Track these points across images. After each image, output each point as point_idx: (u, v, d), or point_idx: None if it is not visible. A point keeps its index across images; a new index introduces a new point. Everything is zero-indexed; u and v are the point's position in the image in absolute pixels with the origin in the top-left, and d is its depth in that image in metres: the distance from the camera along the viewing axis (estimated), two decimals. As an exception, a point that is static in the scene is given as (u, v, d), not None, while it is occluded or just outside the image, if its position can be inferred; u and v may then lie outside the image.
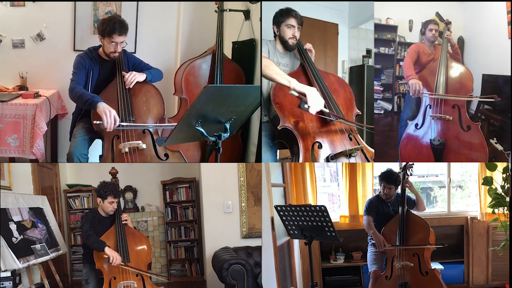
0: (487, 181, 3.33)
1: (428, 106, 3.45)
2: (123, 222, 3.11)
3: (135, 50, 4.01)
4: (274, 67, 2.67)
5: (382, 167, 4.07)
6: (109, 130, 2.99)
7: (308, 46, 3.11)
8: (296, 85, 2.55)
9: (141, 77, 3.33)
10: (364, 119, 4.54)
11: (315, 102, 2.50)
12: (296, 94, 2.54)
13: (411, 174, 3.42)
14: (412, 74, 3.54)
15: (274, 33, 3.05)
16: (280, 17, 2.98)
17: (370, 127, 3.26)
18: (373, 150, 2.87)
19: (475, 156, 3.33)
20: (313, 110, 2.50)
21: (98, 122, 2.98)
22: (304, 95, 2.51)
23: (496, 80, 3.82)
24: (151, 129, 3.27)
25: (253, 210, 4.07)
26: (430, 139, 3.42)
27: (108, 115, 2.95)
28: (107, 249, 2.90)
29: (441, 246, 3.19)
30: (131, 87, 3.27)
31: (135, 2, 4.06)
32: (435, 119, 3.41)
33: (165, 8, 4.13)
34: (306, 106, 2.51)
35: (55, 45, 4.02)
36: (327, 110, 2.63)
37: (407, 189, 3.41)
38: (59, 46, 4.02)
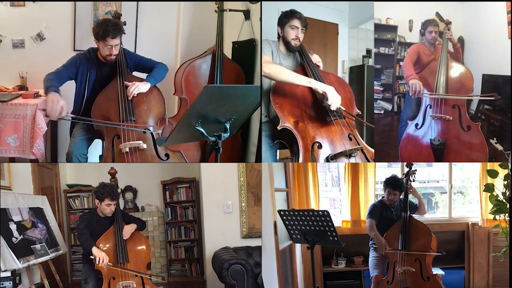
0: (489, 188, 3.32)
1: (428, 106, 3.44)
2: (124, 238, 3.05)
3: (135, 50, 4.01)
4: (287, 71, 2.80)
5: (384, 172, 4.05)
6: (52, 119, 2.94)
7: (316, 58, 3.12)
8: (317, 85, 2.72)
9: (144, 87, 3.25)
10: (364, 119, 4.54)
11: (335, 99, 2.69)
12: (320, 92, 2.72)
13: (413, 180, 3.41)
14: (412, 74, 3.51)
15: (278, 34, 3.03)
16: (284, 18, 2.97)
17: (370, 126, 3.25)
18: (373, 150, 2.87)
19: (475, 156, 3.32)
20: (334, 107, 2.69)
21: (41, 108, 2.94)
22: (325, 93, 2.69)
23: (496, 80, 3.82)
24: (152, 130, 3.26)
25: (253, 210, 4.07)
26: (430, 139, 3.41)
27: (55, 103, 2.85)
28: (94, 249, 2.87)
29: (440, 254, 3.17)
30: (130, 98, 3.21)
31: (135, 2, 4.06)
32: (435, 119, 3.40)
33: (165, 8, 4.13)
34: (328, 103, 2.68)
35: (55, 45, 4.02)
36: (343, 108, 2.79)
37: (410, 194, 3.40)
38: (59, 46, 4.02)
